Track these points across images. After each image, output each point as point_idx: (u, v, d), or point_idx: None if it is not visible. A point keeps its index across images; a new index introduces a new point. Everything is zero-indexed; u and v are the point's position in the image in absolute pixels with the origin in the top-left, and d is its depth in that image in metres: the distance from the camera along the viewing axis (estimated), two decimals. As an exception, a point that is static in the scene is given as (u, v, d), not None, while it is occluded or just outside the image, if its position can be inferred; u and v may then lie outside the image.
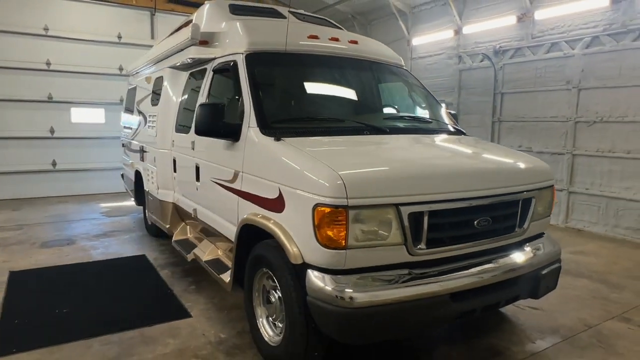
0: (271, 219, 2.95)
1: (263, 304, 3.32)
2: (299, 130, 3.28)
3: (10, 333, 3.59)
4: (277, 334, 3.13)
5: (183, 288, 4.61)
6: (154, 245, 6.13)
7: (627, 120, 6.74)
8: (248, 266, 3.34)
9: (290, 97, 3.76)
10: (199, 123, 3.46)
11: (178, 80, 5.17)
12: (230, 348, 3.42)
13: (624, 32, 6.75)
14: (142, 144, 6.15)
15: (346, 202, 2.50)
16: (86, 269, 5.18)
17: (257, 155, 3.22)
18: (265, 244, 3.11)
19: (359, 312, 2.52)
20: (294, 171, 2.79)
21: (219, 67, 4.15)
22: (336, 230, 2.52)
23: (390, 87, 4.43)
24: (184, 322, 3.86)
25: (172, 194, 5.26)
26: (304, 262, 2.69)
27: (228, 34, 4.18)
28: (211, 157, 3.98)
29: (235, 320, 3.88)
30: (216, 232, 4.10)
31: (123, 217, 7.84)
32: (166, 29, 10.25)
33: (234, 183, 3.54)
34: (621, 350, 3.49)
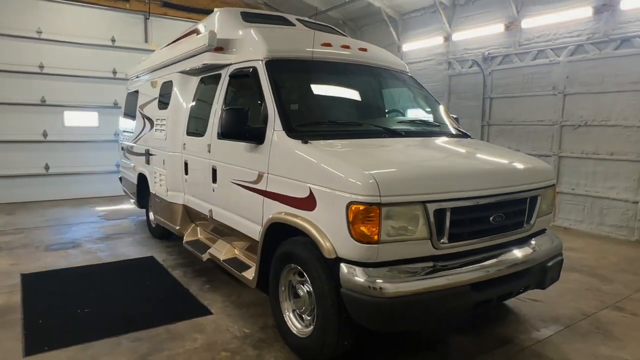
0: (302, 217, 3.12)
1: (289, 298, 3.49)
2: (323, 134, 3.48)
3: (38, 332, 3.66)
4: (305, 325, 3.30)
5: (198, 287, 4.73)
6: (160, 247, 6.21)
7: (609, 123, 7.16)
8: (274, 263, 3.50)
9: (310, 102, 3.95)
10: (225, 126, 3.61)
11: (188, 85, 5.29)
12: (257, 342, 3.58)
13: (605, 41, 7.17)
14: (147, 147, 6.23)
15: (379, 200, 2.70)
16: (97, 271, 5.24)
17: (285, 157, 3.39)
18: (294, 241, 3.29)
19: (390, 302, 2.72)
20: (326, 172, 2.98)
21: (235, 72, 4.31)
22: (369, 226, 2.72)
23: (399, 92, 4.66)
24: (206, 319, 3.99)
25: (182, 195, 5.37)
26: (337, 256, 2.87)
27: (244, 41, 4.35)
28: (231, 160, 4.13)
29: (256, 316, 4.03)
30: (234, 231, 4.24)
31: (122, 220, 7.87)
32: (160, 33, 10.40)
33: (258, 184, 3.70)
34: (618, 335, 3.79)
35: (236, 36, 4.51)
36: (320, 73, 4.17)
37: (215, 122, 4.46)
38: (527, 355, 3.44)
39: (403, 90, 4.71)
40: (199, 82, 5.17)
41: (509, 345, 3.59)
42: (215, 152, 4.45)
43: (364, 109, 4.20)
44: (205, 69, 4.87)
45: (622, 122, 7.02)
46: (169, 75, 5.65)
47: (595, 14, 7.25)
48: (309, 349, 3.18)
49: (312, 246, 3.07)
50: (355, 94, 4.29)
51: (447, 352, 3.51)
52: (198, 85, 5.17)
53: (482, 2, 9.02)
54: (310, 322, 3.28)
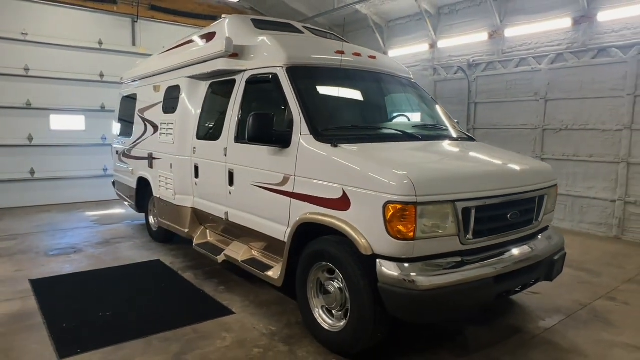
0: (336, 217, 3.29)
1: (317, 295, 3.64)
2: (348, 138, 3.66)
3: (65, 335, 3.68)
4: (337, 320, 3.46)
5: (213, 288, 4.81)
6: (163, 250, 6.23)
7: (588, 128, 7.64)
8: (303, 262, 3.65)
9: (330, 107, 4.11)
10: (251, 131, 3.74)
11: (197, 90, 5.38)
12: (285, 338, 3.71)
13: (584, 51, 7.66)
14: (150, 151, 6.24)
15: (415, 199, 2.91)
16: (107, 275, 5.23)
17: (314, 160, 3.55)
18: (325, 240, 3.45)
19: (425, 294, 2.92)
20: (361, 174, 3.16)
21: (252, 78, 4.44)
22: (406, 224, 2.92)
23: (407, 97, 4.88)
24: (229, 318, 4.09)
25: (191, 199, 5.44)
26: (373, 253, 3.06)
27: (261, 47, 4.49)
28: (251, 163, 4.25)
29: (278, 315, 4.16)
30: (253, 232, 4.35)
31: (117, 225, 7.80)
32: (148, 37, 10.36)
33: (283, 186, 3.84)
34: (615, 323, 4.12)
35: (251, 42, 4.64)
36: (337, 79, 4.34)
37: (232, 127, 4.58)
38: (538, 343, 3.71)
39: (410, 96, 4.94)
40: (208, 87, 5.26)
41: (520, 334, 3.86)
42: (232, 155, 4.56)
43: (379, 114, 4.42)
44: (217, 74, 4.98)
45: (600, 126, 7.51)
46: (175, 80, 5.70)
47: (574, 25, 7.74)
48: (343, 343, 3.34)
49: (346, 244, 3.25)
50: (370, 99, 4.51)
51: (465, 342, 3.74)
52: (208, 91, 5.26)
53: (466, 12, 9.44)
54: (341, 317, 3.44)
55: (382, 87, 4.70)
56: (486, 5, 8.93)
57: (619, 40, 7.26)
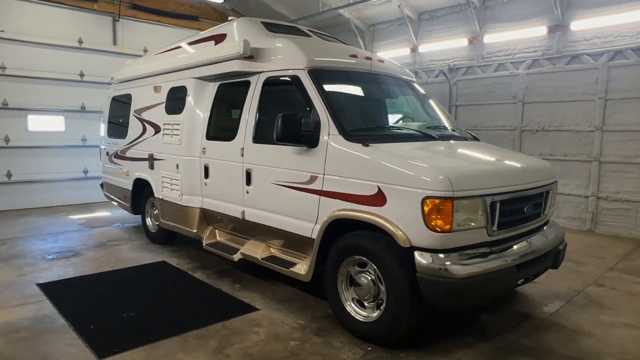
0: (372, 212, 3.47)
1: (347, 288, 3.81)
2: (374, 137, 3.85)
3: (97, 336, 3.66)
4: (370, 311, 3.64)
5: (229, 287, 4.88)
6: (165, 252, 6.19)
7: (563, 129, 8.21)
8: (333, 256, 3.81)
9: (351, 108, 4.29)
10: (280, 131, 3.87)
11: (204, 91, 5.42)
12: (316, 331, 3.85)
13: (558, 57, 8.23)
14: (151, 152, 6.20)
15: (452, 194, 3.15)
16: (116, 277, 5.18)
17: (345, 159, 3.72)
18: (358, 235, 3.63)
19: (461, 282, 3.16)
20: (397, 171, 3.36)
21: (270, 80, 4.57)
22: (443, 217, 3.15)
23: (413, 99, 5.12)
24: (255, 314, 4.18)
25: (199, 199, 5.47)
26: (411, 245, 3.26)
27: (278, 50, 4.61)
28: (273, 163, 4.36)
29: (302, 309, 4.29)
30: (273, 230, 4.46)
31: (108, 228, 7.64)
32: (130, 36, 10.21)
33: (311, 184, 3.99)
34: (609, 306, 4.53)
35: (265, 45, 4.75)
36: (354, 82, 4.55)
37: (248, 127, 4.67)
38: (548, 326, 4.04)
39: (415, 98, 5.18)
40: (217, 89, 5.32)
41: (530, 319, 4.18)
42: (250, 156, 4.64)
43: (398, 114, 4.63)
44: (228, 75, 5.05)
45: (574, 127, 8.09)
46: (180, 80, 5.71)
47: (549, 33, 8.29)
48: (378, 332, 3.52)
49: (381, 238, 3.44)
50: (383, 101, 4.72)
51: (483, 328, 4.02)
52: (217, 92, 5.32)
53: (446, 18, 9.87)
54: (373, 307, 3.63)
55: (392, 90, 4.93)
56: (465, 12, 9.38)
57: (590, 48, 7.85)
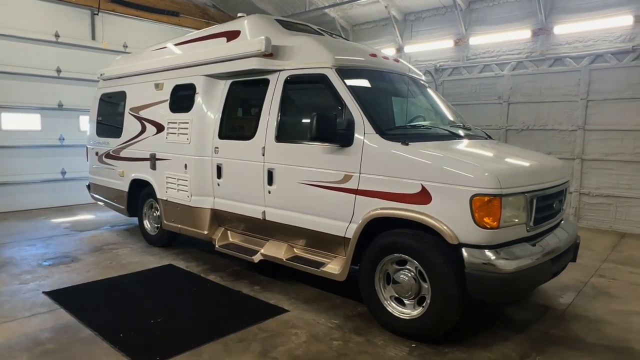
0: (417, 210, 3.51)
1: (385, 286, 3.83)
2: (410, 136, 3.89)
3: (131, 345, 3.49)
4: (411, 308, 3.67)
5: (249, 289, 4.78)
6: (169, 255, 5.99)
7: (547, 128, 8.59)
8: (370, 255, 3.81)
9: (380, 107, 4.31)
10: (316, 130, 3.84)
11: (215, 89, 5.29)
12: (354, 329, 3.85)
13: (542, 59, 8.60)
14: (153, 151, 5.98)
15: (500, 191, 3.24)
16: (126, 282, 4.96)
17: (384, 158, 3.73)
18: (399, 233, 3.65)
19: (510, 277, 3.25)
20: (443, 169, 3.42)
21: (293, 78, 4.52)
22: (492, 214, 3.24)
23: (427, 98, 5.19)
24: (286, 316, 4.12)
25: (211, 199, 5.33)
26: (459, 242, 3.33)
27: (300, 48, 4.57)
28: (300, 162, 4.31)
29: (330, 309, 4.27)
30: (300, 230, 4.41)
31: (99, 231, 7.30)
32: (110, 31, 9.82)
33: (345, 183, 3.97)
34: (616, 295, 4.79)
35: (284, 42, 4.70)
36: (377, 81, 4.57)
37: (270, 126, 4.60)
38: (569, 316, 4.22)
39: (429, 97, 5.26)
40: (230, 86, 5.20)
41: (552, 311, 4.35)
42: (272, 155, 4.57)
43: (421, 114, 4.69)
44: (243, 73, 4.96)
45: (557, 126, 8.48)
46: (187, 78, 5.53)
47: (533, 36, 8.65)
48: (422, 329, 3.55)
49: (424, 236, 3.48)
50: (405, 99, 4.76)
51: (511, 320, 4.14)
52: (229, 90, 5.20)
53: (432, 19, 10.08)
54: (414, 305, 3.66)
55: (410, 88, 4.97)
56: (451, 14, 9.63)
57: (572, 51, 8.26)
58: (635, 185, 7.66)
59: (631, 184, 7.74)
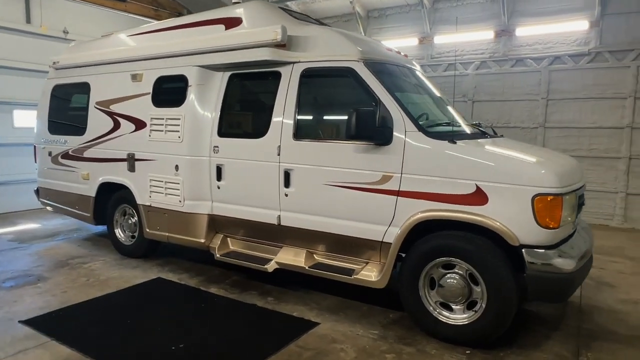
0: (472, 212, 3.36)
1: (429, 292, 3.65)
2: (450, 134, 3.74)
3: (163, 379, 2.99)
4: (460, 313, 3.52)
5: (263, 301, 4.38)
6: (152, 266, 5.35)
7: (510, 125, 8.97)
8: (414, 259, 3.62)
9: (412, 103, 4.10)
10: (356, 127, 3.57)
11: (211, 81, 4.79)
12: (398, 339, 3.63)
13: (504, 60, 8.96)
14: (131, 151, 5.29)
15: (562, 190, 3.21)
16: (119, 302, 4.31)
17: (432, 157, 3.55)
18: (449, 235, 3.49)
19: (570, 276, 3.23)
20: (501, 169, 3.31)
21: (312, 71, 4.20)
22: (554, 213, 3.20)
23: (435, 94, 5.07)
24: (320, 329, 3.80)
25: (208, 204, 4.82)
26: (519, 243, 3.24)
27: (318, 39, 4.25)
28: (328, 162, 4.00)
29: (363, 318, 4.02)
30: (325, 235, 4.10)
31: (54, 243, 6.37)
32: (47, 14, 8.66)
33: (384, 185, 3.73)
34: (617, 285, 5.04)
35: (296, 33, 4.34)
36: (400, 76, 4.37)
37: (286, 123, 4.23)
38: (587, 308, 4.36)
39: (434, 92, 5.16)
40: (229, 79, 4.73)
41: (569, 305, 4.45)
42: (290, 154, 4.20)
43: (439, 110, 4.55)
44: (246, 65, 4.53)
45: (519, 124, 8.89)
46: (177, 68, 4.94)
47: (496, 37, 8.98)
48: (476, 334, 3.42)
49: (477, 237, 3.36)
50: (427, 95, 4.62)
51: (539, 317, 4.18)
52: (229, 82, 4.73)
53: (396, 17, 10.11)
54: (463, 309, 3.53)
55: (425, 84, 4.83)
56: (415, 12, 9.73)
57: (533, 52, 8.69)
58: (592, 179, 8.23)
59: (588, 178, 8.31)
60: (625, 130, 8.03)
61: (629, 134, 8.00)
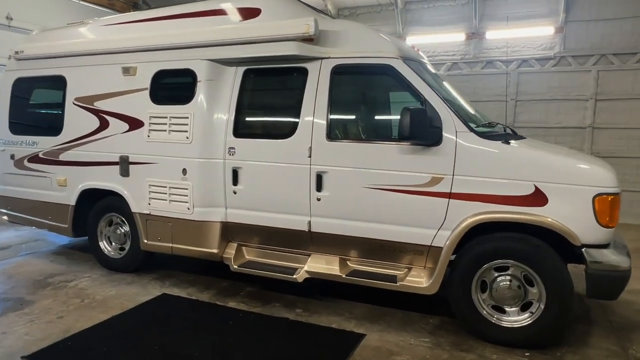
0: (532, 213, 3.32)
1: (481, 295, 3.58)
2: (497, 135, 3.70)
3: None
4: (516, 316, 3.48)
5: (293, 314, 4.08)
6: (150, 281, 4.82)
7: (481, 125, 9.28)
8: (466, 262, 3.53)
9: (451, 102, 3.99)
10: (410, 128, 3.43)
11: (224, 76, 4.40)
12: (454, 346, 3.52)
13: (475, 62, 9.26)
14: (124, 153, 4.72)
15: (618, 190, 3.27)
16: (133, 325, 3.80)
17: (486, 158, 3.47)
18: (505, 237, 3.44)
19: (626, 274, 3.30)
20: (562, 169, 3.32)
21: (344, 68, 3.99)
22: (612, 213, 3.26)
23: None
24: (369, 341, 3.59)
25: (221, 211, 4.42)
26: (581, 243, 3.25)
27: (350, 34, 4.06)
28: (368, 164, 3.79)
29: (407, 324, 3.88)
30: (363, 241, 3.90)
31: (20, 259, 5.55)
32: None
33: (433, 187, 3.60)
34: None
35: (325, 27, 4.09)
36: (430, 74, 4.26)
37: (317, 122, 3.97)
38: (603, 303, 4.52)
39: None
40: (244, 74, 4.36)
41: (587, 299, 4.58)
42: (323, 156, 3.95)
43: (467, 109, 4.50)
44: (264, 60, 4.21)
45: (490, 124, 9.22)
46: (181, 61, 4.47)
47: (467, 39, 9.25)
48: (534, 335, 3.40)
49: (534, 239, 3.34)
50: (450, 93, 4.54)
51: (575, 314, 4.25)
52: (244, 78, 4.36)
53: (366, 16, 10.07)
54: (517, 312, 3.49)
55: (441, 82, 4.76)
56: (386, 12, 9.78)
57: (502, 55, 9.05)
58: (558, 176, 8.74)
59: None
60: (587, 130, 8.61)
61: (590, 133, 8.59)
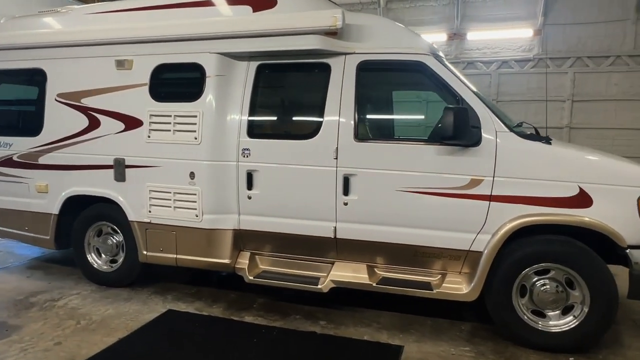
0: (578, 215, 3.25)
1: (521, 299, 3.47)
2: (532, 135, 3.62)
3: None
4: (557, 320, 3.40)
5: (317, 327, 3.81)
6: (149, 296, 4.37)
7: (463, 126, 9.37)
8: (506, 268, 3.41)
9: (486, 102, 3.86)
10: (453, 128, 3.28)
11: (235, 71, 4.05)
12: (497, 354, 3.40)
13: (456, 62, 9.32)
14: (120, 156, 4.25)
15: (660, 190, 3.26)
16: (147, 348, 3.40)
17: (529, 159, 3.38)
18: (547, 240, 3.36)
19: (665, 274, 3.31)
20: (606, 170, 3.28)
21: (371, 64, 3.78)
22: (655, 213, 3.23)
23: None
24: (409, 352, 3.40)
25: (234, 218, 4.08)
26: (627, 244, 3.22)
27: (375, 28, 3.84)
28: (402, 165, 3.60)
29: (441, 333, 3.72)
30: (394, 247, 3.70)
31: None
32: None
33: (472, 189, 3.46)
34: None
35: (349, 21, 3.85)
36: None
37: (344, 121, 3.74)
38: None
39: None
40: (257, 70, 4.04)
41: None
42: (351, 157, 3.72)
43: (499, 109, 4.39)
44: (281, 54, 3.92)
45: (472, 124, 9.33)
46: (187, 55, 4.07)
47: (449, 39, 9.32)
48: (579, 339, 3.34)
49: (576, 241, 3.28)
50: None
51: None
52: (257, 73, 4.04)
53: (347, 14, 9.91)
54: (558, 316, 3.42)
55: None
56: (368, 12, 9.64)
57: (482, 56, 9.20)
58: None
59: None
60: (565, 130, 8.90)
61: (568, 133, 8.89)
